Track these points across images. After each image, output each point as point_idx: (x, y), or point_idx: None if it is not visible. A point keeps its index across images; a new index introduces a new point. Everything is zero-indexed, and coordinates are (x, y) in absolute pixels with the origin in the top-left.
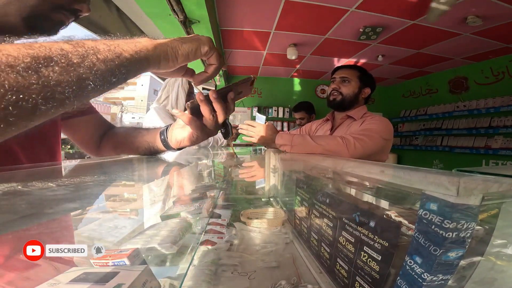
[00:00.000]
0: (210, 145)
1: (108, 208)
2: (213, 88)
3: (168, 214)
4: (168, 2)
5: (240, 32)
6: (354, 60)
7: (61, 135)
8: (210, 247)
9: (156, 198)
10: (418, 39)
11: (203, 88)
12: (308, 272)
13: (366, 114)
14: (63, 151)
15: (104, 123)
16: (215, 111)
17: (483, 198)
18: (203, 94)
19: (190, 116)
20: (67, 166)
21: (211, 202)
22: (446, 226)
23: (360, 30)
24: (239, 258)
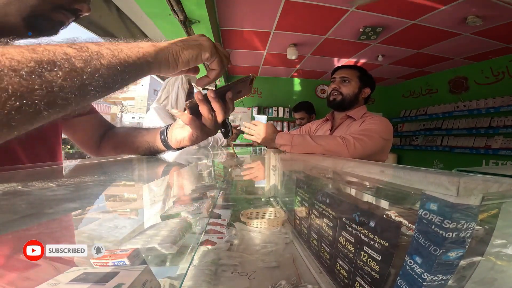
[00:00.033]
0: (210, 145)
1: (108, 208)
2: (212, 88)
3: (168, 214)
4: (168, 2)
5: (240, 32)
6: (354, 60)
7: (61, 135)
8: (210, 247)
9: (156, 198)
10: (418, 39)
11: (203, 88)
12: (308, 272)
13: (366, 114)
14: (63, 151)
15: (104, 123)
16: (214, 111)
17: (483, 198)
18: (202, 94)
19: (189, 115)
20: (67, 166)
21: (211, 202)
22: (446, 226)
23: (360, 30)
24: (239, 258)
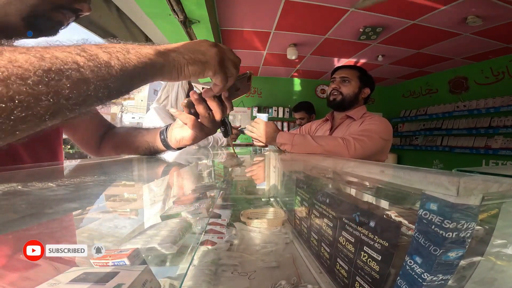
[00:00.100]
0: (210, 145)
1: (108, 208)
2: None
3: (168, 214)
4: (168, 2)
5: (240, 32)
6: (354, 60)
7: (62, 135)
8: (210, 247)
9: (156, 198)
10: (418, 39)
11: (203, 87)
12: (308, 272)
13: (366, 114)
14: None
15: (104, 123)
16: (211, 110)
17: (483, 198)
18: (197, 93)
19: (187, 115)
20: (68, 166)
21: (211, 202)
22: (446, 226)
23: (360, 30)
24: (239, 258)
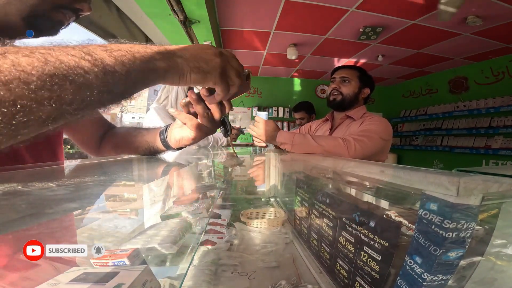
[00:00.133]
0: (210, 145)
1: (108, 208)
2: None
3: (168, 214)
4: (168, 2)
5: (240, 32)
6: (354, 60)
7: (63, 135)
8: (210, 247)
9: (156, 198)
10: (418, 39)
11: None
12: (308, 272)
13: (366, 114)
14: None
15: (104, 123)
16: (210, 109)
17: (483, 198)
18: (195, 93)
19: (186, 114)
20: (68, 166)
21: (211, 202)
22: (446, 226)
23: (360, 30)
24: (239, 258)
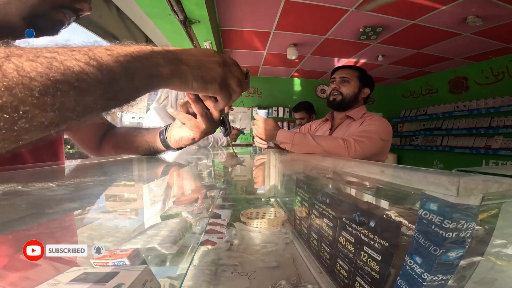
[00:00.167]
0: (210, 145)
1: (108, 208)
2: None
3: (168, 214)
4: (168, 2)
5: (240, 32)
6: (354, 60)
7: (64, 135)
8: (210, 247)
9: (156, 198)
10: (418, 39)
11: None
12: (308, 272)
13: (366, 115)
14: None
15: (104, 123)
16: (208, 109)
17: (483, 198)
18: (193, 93)
19: (185, 114)
20: (68, 166)
21: (211, 202)
22: (446, 226)
23: (360, 30)
24: (239, 258)
